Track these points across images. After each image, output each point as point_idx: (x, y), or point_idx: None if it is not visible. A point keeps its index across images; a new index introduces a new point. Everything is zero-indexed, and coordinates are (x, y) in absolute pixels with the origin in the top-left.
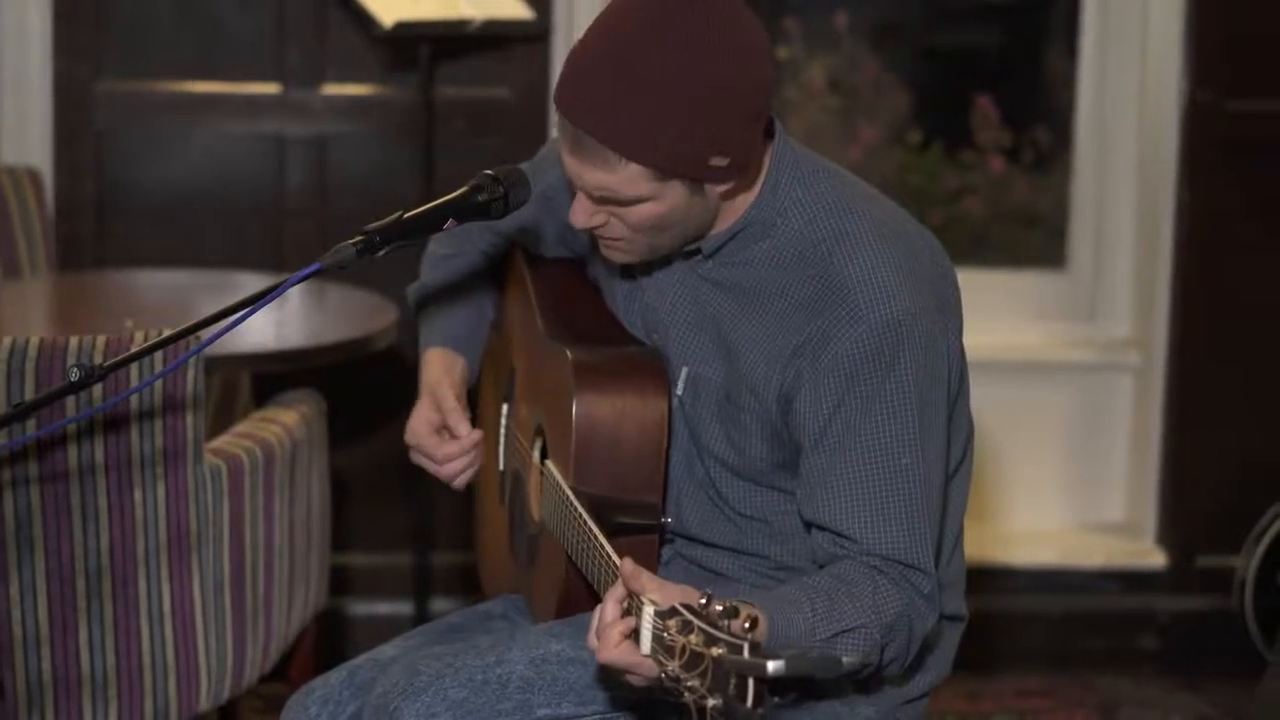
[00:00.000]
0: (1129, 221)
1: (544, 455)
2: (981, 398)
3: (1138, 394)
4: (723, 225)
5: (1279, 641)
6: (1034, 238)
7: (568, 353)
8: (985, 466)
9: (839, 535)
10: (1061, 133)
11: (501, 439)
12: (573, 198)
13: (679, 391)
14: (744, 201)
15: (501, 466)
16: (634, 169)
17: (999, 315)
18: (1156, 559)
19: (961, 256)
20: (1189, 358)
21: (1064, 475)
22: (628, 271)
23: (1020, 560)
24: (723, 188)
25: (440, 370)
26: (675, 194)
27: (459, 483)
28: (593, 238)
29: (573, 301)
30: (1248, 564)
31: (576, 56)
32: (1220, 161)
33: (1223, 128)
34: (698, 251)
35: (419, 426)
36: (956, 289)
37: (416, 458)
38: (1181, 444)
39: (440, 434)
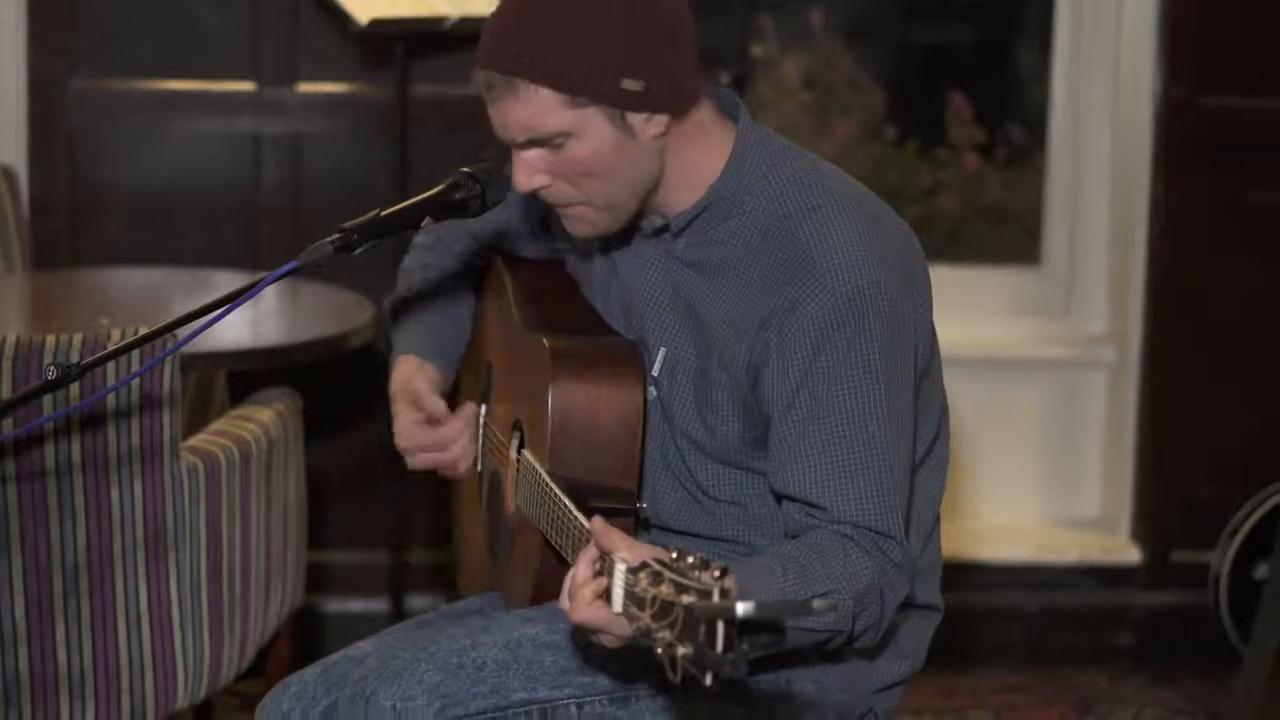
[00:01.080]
0: (1103, 218)
1: (521, 448)
2: (957, 394)
3: (1112, 390)
4: (688, 201)
5: (1254, 636)
6: (1008, 234)
7: (544, 341)
8: (960, 462)
9: (809, 505)
10: (1035, 129)
11: (480, 441)
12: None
13: (655, 372)
14: (708, 175)
15: (479, 468)
16: (544, 95)
17: (974, 312)
18: (1131, 554)
19: (936, 253)
20: (1164, 353)
21: (1039, 471)
22: (606, 261)
23: (995, 556)
24: (652, 125)
25: (406, 373)
26: (597, 128)
27: (464, 465)
28: (557, 221)
29: (550, 296)
30: (1223, 559)
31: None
32: (1194, 157)
33: (1197, 123)
34: (666, 229)
35: (407, 429)
36: (925, 267)
37: (420, 459)
38: (1156, 439)
39: (430, 426)
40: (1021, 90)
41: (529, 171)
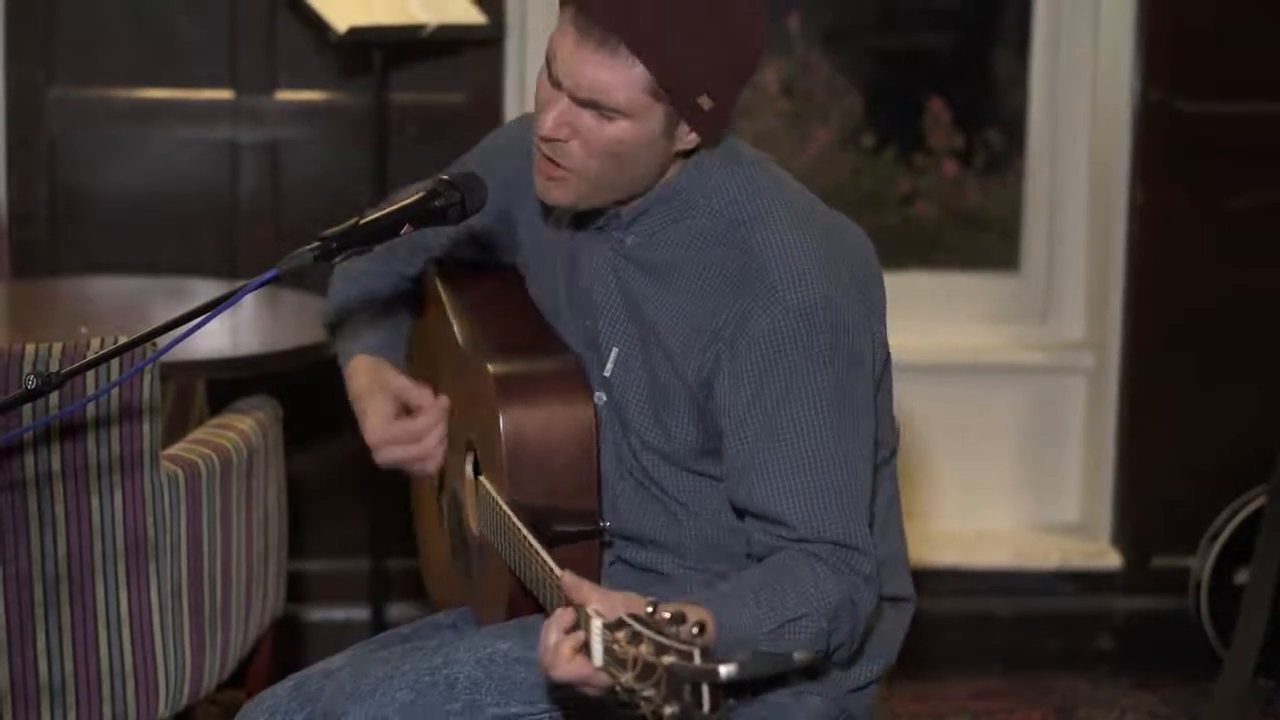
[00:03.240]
0: (1081, 223)
1: (477, 471)
2: (935, 400)
3: (1091, 395)
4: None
5: (1234, 640)
6: (987, 240)
7: (489, 367)
8: (940, 468)
9: (772, 521)
10: (1014, 135)
11: None
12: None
13: (607, 373)
14: (671, 171)
15: (436, 484)
16: (636, 72)
17: (952, 318)
18: (1112, 559)
19: (914, 259)
20: (1142, 359)
21: (1018, 477)
22: (567, 259)
23: (975, 562)
24: (687, 140)
25: (370, 370)
26: (651, 123)
27: (435, 462)
28: (534, 174)
29: (489, 312)
30: (1203, 564)
31: None
32: (1173, 162)
33: (1175, 128)
34: (617, 218)
35: (378, 423)
36: (880, 279)
37: (389, 453)
38: (1135, 445)
39: (402, 419)
40: (999, 96)
41: (561, 122)
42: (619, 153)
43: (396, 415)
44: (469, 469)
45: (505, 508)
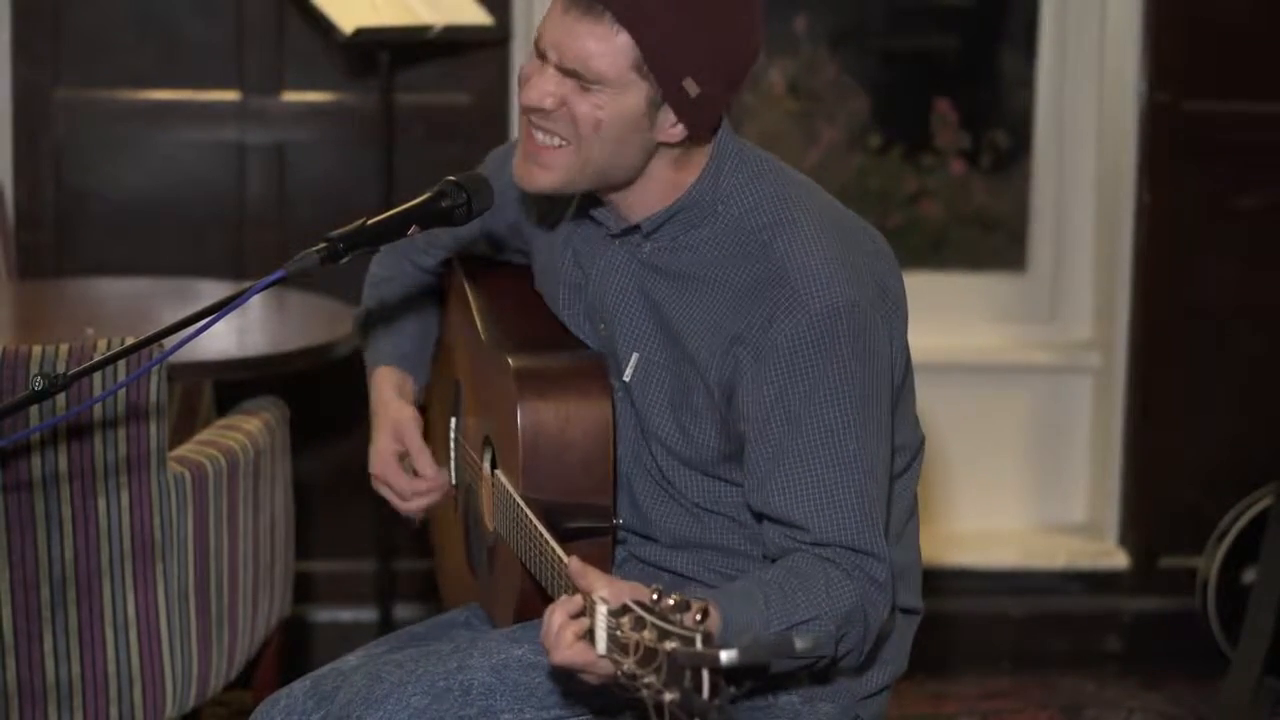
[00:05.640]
0: (1089, 223)
1: (494, 465)
2: (943, 400)
3: (1099, 395)
4: (662, 203)
5: (1241, 640)
6: (994, 240)
7: (509, 360)
8: (948, 468)
9: (790, 525)
10: (1020, 135)
11: (452, 453)
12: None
13: (627, 377)
14: (684, 180)
15: (454, 481)
16: (623, 42)
17: (959, 318)
18: (1119, 560)
19: (921, 260)
20: (1150, 359)
21: (1026, 477)
22: (575, 266)
23: (983, 562)
24: (670, 131)
25: (392, 392)
26: (634, 99)
27: (418, 518)
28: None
29: (512, 309)
30: (1210, 565)
31: None
32: (1179, 161)
33: (1181, 127)
34: (637, 229)
35: (385, 459)
36: (900, 281)
37: (380, 489)
38: (1143, 445)
39: (404, 465)
40: (1006, 96)
41: (545, 91)
42: (599, 125)
43: (402, 456)
44: (486, 465)
45: (519, 501)
